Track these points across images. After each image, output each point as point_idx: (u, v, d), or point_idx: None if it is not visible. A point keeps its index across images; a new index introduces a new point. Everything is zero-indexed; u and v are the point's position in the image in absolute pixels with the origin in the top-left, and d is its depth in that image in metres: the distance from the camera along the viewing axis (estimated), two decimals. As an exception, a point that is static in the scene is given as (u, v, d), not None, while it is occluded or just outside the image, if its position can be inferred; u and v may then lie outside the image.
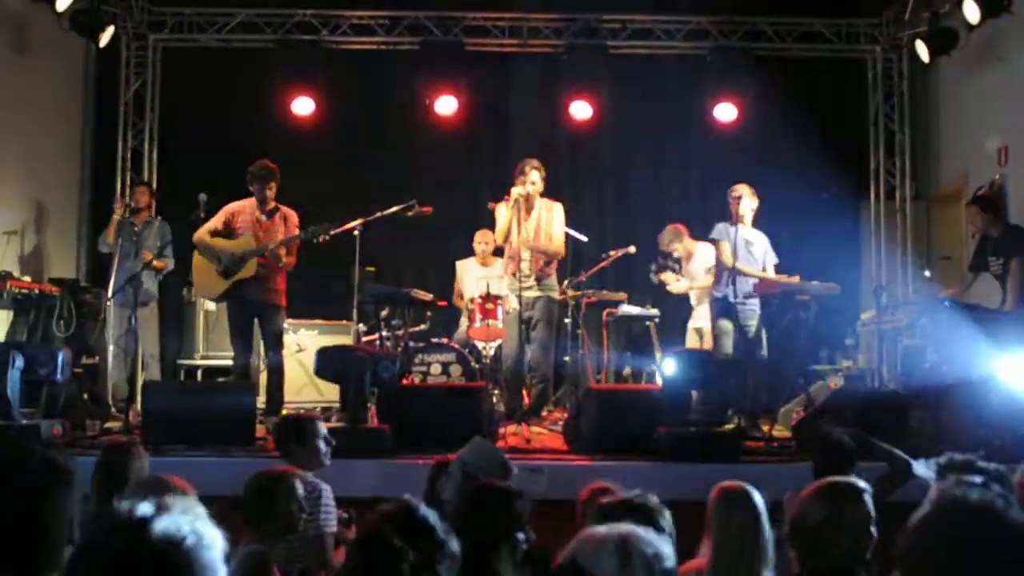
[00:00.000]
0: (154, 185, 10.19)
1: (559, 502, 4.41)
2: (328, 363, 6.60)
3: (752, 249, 7.77)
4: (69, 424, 6.34)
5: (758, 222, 7.94)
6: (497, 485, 3.47)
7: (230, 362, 8.97)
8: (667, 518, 3.10)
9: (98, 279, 9.09)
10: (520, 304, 7.43)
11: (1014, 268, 7.37)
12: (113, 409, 8.03)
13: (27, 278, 8.36)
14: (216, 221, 7.49)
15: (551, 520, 3.79)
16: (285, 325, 7.96)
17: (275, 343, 7.55)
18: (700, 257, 8.76)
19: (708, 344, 8.22)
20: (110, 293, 8.12)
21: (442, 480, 4.05)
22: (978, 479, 2.23)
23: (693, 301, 8.93)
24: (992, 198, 8.27)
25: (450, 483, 3.94)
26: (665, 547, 2.14)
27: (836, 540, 3.04)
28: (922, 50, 9.11)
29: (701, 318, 8.66)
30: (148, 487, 3.29)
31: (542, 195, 7.69)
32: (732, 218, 7.82)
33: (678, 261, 8.99)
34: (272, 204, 7.52)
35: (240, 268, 7.32)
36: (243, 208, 7.53)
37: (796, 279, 7.53)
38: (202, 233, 7.47)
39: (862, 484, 3.22)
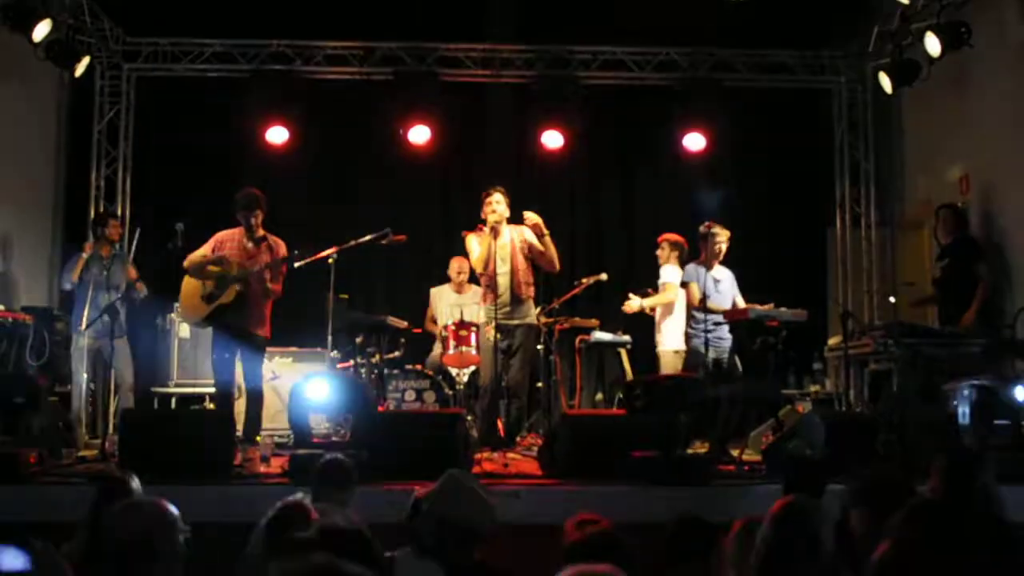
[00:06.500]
0: (128, 214, 10.21)
1: (536, 527, 4.49)
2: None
3: (720, 287, 8.02)
4: (46, 452, 6.34)
5: (728, 253, 8.12)
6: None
7: (204, 389, 8.99)
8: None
9: (70, 308, 9.08)
10: (499, 331, 7.51)
11: (983, 284, 7.78)
12: (86, 437, 8.02)
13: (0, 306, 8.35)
14: (206, 248, 7.49)
15: (527, 545, 3.86)
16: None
17: (255, 370, 7.55)
18: (664, 275, 8.71)
19: (665, 368, 8.36)
20: (83, 325, 8.03)
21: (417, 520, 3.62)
22: None
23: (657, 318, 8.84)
24: (961, 210, 8.49)
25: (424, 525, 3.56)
26: None
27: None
28: (885, 81, 9.28)
29: (663, 341, 8.70)
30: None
31: (509, 221, 7.80)
32: (703, 256, 8.00)
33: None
34: (260, 232, 7.53)
35: (222, 293, 7.33)
36: (231, 236, 7.53)
37: (770, 307, 7.66)
38: (195, 257, 7.45)
39: None
